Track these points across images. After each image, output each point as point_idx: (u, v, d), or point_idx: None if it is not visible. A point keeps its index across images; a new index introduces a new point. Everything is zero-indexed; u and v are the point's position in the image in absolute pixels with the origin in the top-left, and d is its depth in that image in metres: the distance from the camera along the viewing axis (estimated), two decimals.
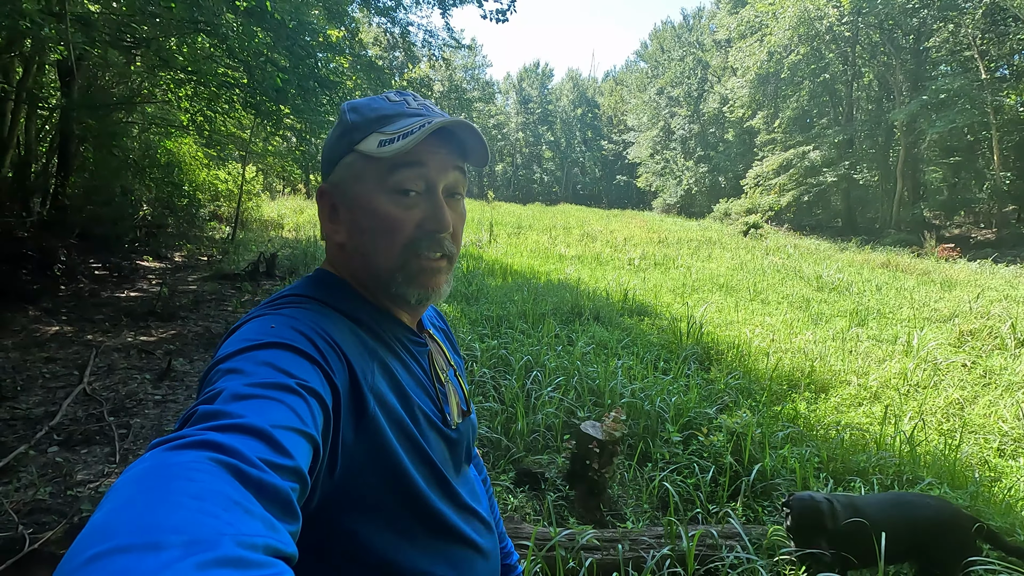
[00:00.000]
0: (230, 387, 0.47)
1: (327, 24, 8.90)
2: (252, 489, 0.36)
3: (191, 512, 0.31)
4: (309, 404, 0.49)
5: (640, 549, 2.25)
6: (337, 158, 0.70)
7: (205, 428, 0.41)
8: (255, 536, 0.32)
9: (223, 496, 0.33)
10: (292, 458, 0.42)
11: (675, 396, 3.63)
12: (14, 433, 3.27)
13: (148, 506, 0.31)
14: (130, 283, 7.50)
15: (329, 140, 0.73)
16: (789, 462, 2.90)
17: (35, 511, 2.49)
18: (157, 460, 0.36)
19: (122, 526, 0.29)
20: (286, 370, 0.50)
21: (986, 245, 17.02)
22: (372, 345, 0.66)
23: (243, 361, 0.51)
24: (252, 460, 0.38)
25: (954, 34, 20.00)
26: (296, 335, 0.56)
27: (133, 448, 3.24)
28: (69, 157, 8.22)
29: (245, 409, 0.44)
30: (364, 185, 0.68)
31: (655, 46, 44.29)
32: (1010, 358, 4.99)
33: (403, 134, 0.65)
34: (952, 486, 2.70)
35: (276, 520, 0.36)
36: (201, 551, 0.28)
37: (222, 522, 0.31)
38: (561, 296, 6.70)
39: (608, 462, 2.81)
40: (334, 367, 0.56)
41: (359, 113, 0.70)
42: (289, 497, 0.38)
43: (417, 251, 0.68)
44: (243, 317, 0.63)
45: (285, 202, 18.83)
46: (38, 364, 4.41)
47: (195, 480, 0.34)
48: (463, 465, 0.79)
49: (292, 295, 0.67)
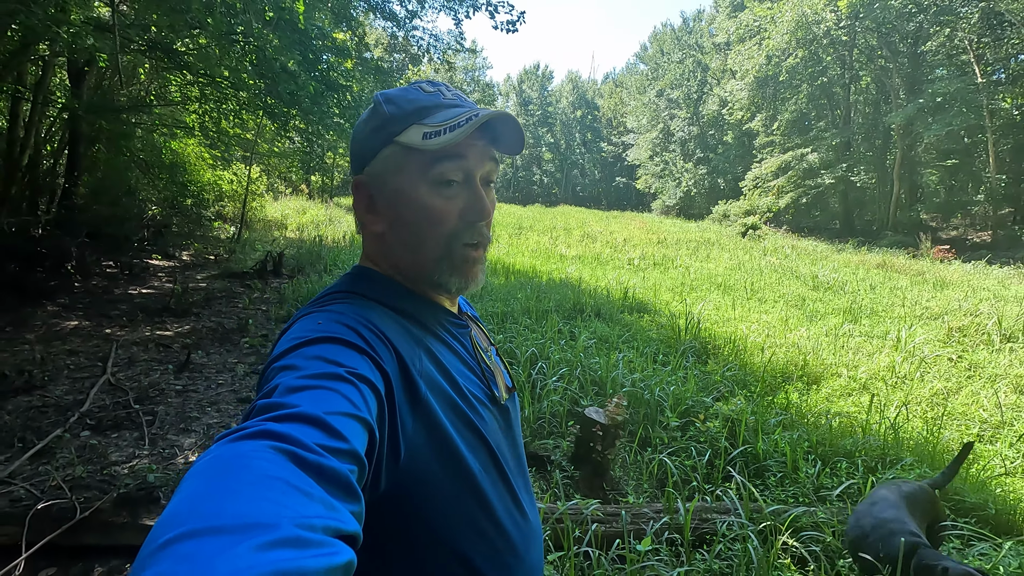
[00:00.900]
0: (284, 382, 0.49)
1: (333, 27, 9.10)
2: (311, 473, 0.38)
3: (252, 498, 0.33)
4: (360, 390, 0.51)
5: (641, 521, 2.43)
6: (375, 150, 0.71)
7: (263, 420, 0.43)
8: (314, 517, 0.34)
9: (282, 481, 0.35)
10: (347, 441, 0.44)
11: (673, 386, 3.82)
12: (47, 419, 3.45)
13: (213, 495, 0.33)
14: (141, 281, 7.68)
15: (361, 132, 0.73)
16: (780, 445, 3.09)
17: (76, 487, 2.66)
18: (220, 452, 0.38)
19: (190, 514, 0.32)
20: (336, 361, 0.53)
21: (981, 247, 17.22)
22: (417, 333, 0.68)
23: (295, 358, 0.53)
24: (309, 445, 0.40)
25: (950, 38, 20.22)
26: (343, 328, 0.59)
27: (161, 433, 3.42)
28: (78, 158, 8.39)
29: (299, 400, 0.46)
30: (406, 177, 0.69)
31: (655, 48, 44.53)
32: (994, 352, 5.19)
33: (449, 127, 0.66)
34: (931, 467, 2.89)
35: (336, 501, 0.37)
36: (262, 533, 0.30)
37: (281, 506, 0.33)
38: (563, 294, 6.88)
39: (611, 445, 3.00)
40: (382, 355, 0.58)
41: (396, 105, 0.70)
42: (348, 478, 0.40)
43: (460, 241, 0.71)
44: (292, 318, 0.66)
45: (288, 203, 19.01)
46: (62, 356, 4.59)
47: (255, 468, 0.36)
48: (516, 446, 0.79)
49: (335, 292, 0.70)
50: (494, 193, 0.76)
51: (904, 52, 22.34)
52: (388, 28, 10.77)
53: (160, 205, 10.80)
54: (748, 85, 27.17)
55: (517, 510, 0.72)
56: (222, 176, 12.78)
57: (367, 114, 0.73)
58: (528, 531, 0.74)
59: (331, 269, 8.76)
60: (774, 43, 23.88)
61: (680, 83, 38.00)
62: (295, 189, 22.71)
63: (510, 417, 0.79)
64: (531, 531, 0.74)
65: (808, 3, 21.92)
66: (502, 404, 0.76)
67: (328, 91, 7.08)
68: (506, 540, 0.69)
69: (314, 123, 7.49)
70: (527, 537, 0.73)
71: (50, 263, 6.99)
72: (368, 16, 11.06)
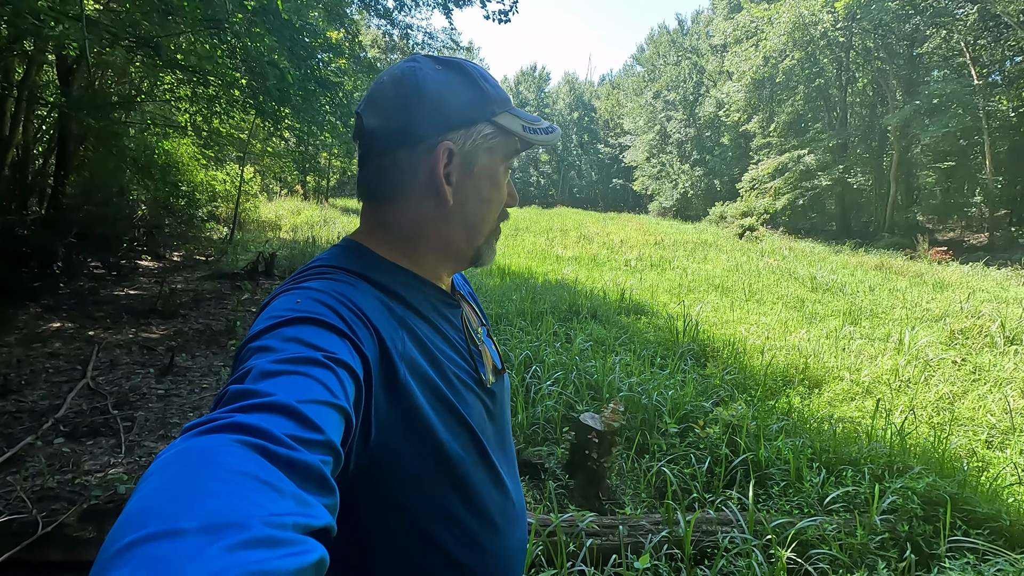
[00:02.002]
0: (258, 365, 0.47)
1: (326, 25, 8.98)
2: (282, 467, 0.36)
3: (220, 496, 0.31)
4: (339, 376, 0.49)
5: (638, 534, 2.31)
6: (472, 121, 0.70)
7: (232, 410, 0.41)
8: (284, 515, 0.32)
9: (251, 477, 0.33)
10: (322, 432, 0.42)
11: (672, 390, 3.70)
12: (20, 425, 3.31)
13: (177, 493, 0.31)
14: (129, 282, 7.53)
15: (458, 97, 0.69)
16: (783, 453, 2.97)
17: (44, 498, 2.53)
18: (186, 445, 0.36)
19: (153, 514, 0.30)
20: (313, 343, 0.50)
21: (978, 249, 17.19)
22: (400, 312, 0.66)
23: (271, 338, 0.51)
24: (280, 438, 0.38)
25: (947, 40, 20.23)
26: (322, 308, 0.56)
27: (138, 440, 3.28)
28: (68, 156, 8.25)
29: (273, 386, 0.44)
30: (495, 157, 0.72)
31: (651, 50, 44.54)
32: (999, 355, 5.09)
33: (543, 129, 0.75)
34: (940, 475, 2.78)
35: (308, 495, 0.36)
36: (231, 534, 0.29)
37: (250, 503, 0.31)
38: (559, 295, 6.77)
39: (607, 452, 2.88)
40: (362, 337, 0.56)
41: (492, 86, 0.72)
42: (321, 471, 0.38)
43: (498, 220, 0.78)
44: (271, 293, 0.62)
45: (283, 203, 18.84)
46: (41, 359, 4.44)
47: (223, 463, 0.34)
48: (503, 428, 0.79)
49: (318, 266, 0.67)
50: None
51: (901, 54, 22.35)
52: (382, 26, 10.65)
53: (151, 205, 10.64)
54: (745, 87, 27.15)
55: (499, 493, 0.72)
56: (215, 176, 12.62)
57: (455, 80, 0.69)
58: (512, 514, 0.74)
59: None
60: (771, 44, 23.85)
61: (677, 85, 38.00)
62: (290, 190, 22.54)
63: (497, 399, 0.77)
64: (514, 513, 0.75)
65: (805, 4, 21.89)
66: (488, 387, 0.75)
67: (321, 89, 6.95)
68: (485, 523, 0.68)
69: (306, 121, 7.35)
70: (511, 520, 0.73)
71: (36, 263, 6.85)
72: (362, 14, 10.95)
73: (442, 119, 0.68)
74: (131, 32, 5.15)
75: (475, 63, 0.74)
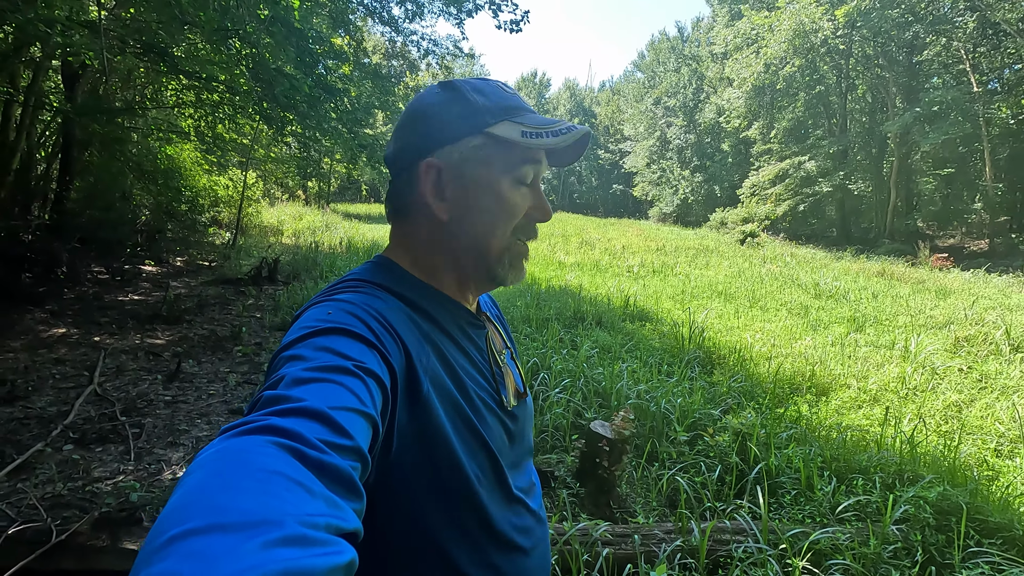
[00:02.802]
0: (291, 372, 0.48)
1: (331, 32, 9.02)
2: (313, 470, 0.37)
3: (256, 494, 0.32)
4: (367, 384, 0.50)
5: (651, 543, 2.31)
6: (459, 135, 0.70)
7: (267, 413, 0.42)
8: (317, 515, 0.33)
9: (285, 478, 0.35)
10: (352, 438, 0.43)
11: (680, 398, 3.70)
12: (29, 432, 3.30)
13: (217, 490, 0.33)
14: (132, 287, 7.53)
15: (444, 114, 0.71)
16: (794, 461, 2.97)
17: (55, 506, 2.52)
18: (224, 446, 0.37)
19: (194, 510, 0.31)
20: (344, 353, 0.52)
21: (979, 255, 17.21)
22: (427, 329, 0.67)
23: (303, 348, 0.53)
24: (312, 442, 0.39)
25: (946, 48, 20.32)
26: (352, 319, 0.58)
27: (147, 447, 3.28)
28: (72, 162, 8.26)
29: (305, 393, 0.45)
30: (492, 169, 0.70)
31: (652, 57, 44.72)
32: (1005, 363, 5.09)
33: (551, 131, 0.69)
34: (952, 484, 2.77)
35: (339, 498, 0.37)
36: (266, 531, 0.30)
37: (285, 502, 0.32)
38: (563, 302, 6.77)
39: (618, 460, 2.87)
40: (390, 349, 0.58)
41: (486, 97, 0.71)
42: (351, 476, 0.40)
43: (518, 236, 0.74)
44: (304, 305, 0.65)
45: (285, 208, 18.86)
46: (47, 365, 4.44)
47: (259, 463, 0.35)
48: (523, 452, 0.79)
49: (350, 280, 0.69)
50: None
51: (900, 61, 22.45)
52: (386, 33, 10.70)
53: (154, 210, 10.65)
54: (745, 93, 27.25)
55: (516, 516, 0.72)
56: (218, 181, 12.65)
57: (445, 98, 0.72)
58: (529, 536, 0.73)
59: (327, 276, 8.62)
60: (771, 52, 23.95)
61: (677, 91, 38.13)
62: (292, 195, 22.58)
63: (519, 422, 0.77)
64: (533, 536, 0.74)
65: (806, 12, 22.00)
66: (509, 410, 0.75)
67: (326, 96, 6.98)
68: (500, 544, 0.68)
69: (311, 128, 7.37)
70: (528, 542, 0.73)
71: (40, 269, 6.85)
72: (366, 21, 11.00)
73: (430, 138, 0.71)
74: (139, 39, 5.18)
75: (481, 78, 0.75)
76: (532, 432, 0.85)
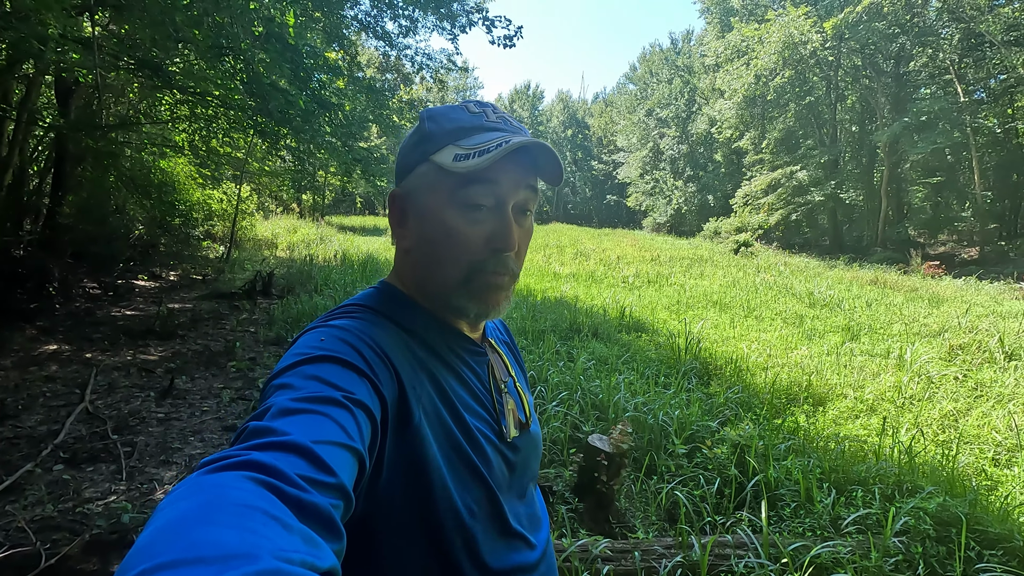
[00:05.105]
0: (278, 402, 0.47)
1: (324, 46, 9.06)
2: (292, 507, 0.37)
3: (231, 528, 0.32)
4: (356, 417, 0.49)
5: (652, 559, 2.28)
6: (412, 165, 0.71)
7: (248, 447, 0.41)
8: (292, 552, 0.32)
9: (262, 512, 0.34)
10: (335, 475, 0.42)
11: (677, 410, 3.69)
12: (18, 452, 3.25)
13: (189, 525, 0.32)
14: (125, 302, 7.47)
15: (405, 145, 0.73)
16: (793, 473, 2.95)
17: (44, 528, 2.47)
18: (199, 480, 0.37)
19: (164, 545, 0.30)
20: (333, 383, 0.51)
21: (970, 263, 17.36)
22: (423, 356, 0.66)
23: (293, 376, 0.52)
24: (292, 479, 0.38)
25: (932, 58, 20.66)
26: (344, 347, 0.57)
27: (139, 466, 3.23)
28: (64, 177, 8.23)
29: (290, 425, 0.44)
30: (436, 196, 0.68)
31: (644, 69, 45.18)
32: (999, 371, 5.11)
33: (480, 151, 0.65)
34: (951, 495, 2.77)
35: (316, 536, 0.36)
36: (240, 564, 0.29)
37: (261, 537, 0.32)
38: (559, 313, 6.76)
39: (616, 474, 2.85)
40: (382, 378, 0.57)
41: (436, 123, 0.70)
42: (330, 515, 0.39)
43: (482, 269, 0.68)
44: (301, 330, 0.64)
45: (279, 222, 18.83)
46: (38, 383, 4.38)
47: (235, 499, 0.34)
48: (525, 483, 0.76)
49: (349, 305, 0.69)
50: (531, 222, 0.74)
51: (888, 72, 22.77)
52: (380, 47, 10.77)
53: (147, 224, 10.61)
54: (736, 104, 27.53)
55: (512, 551, 0.69)
56: (211, 195, 12.62)
57: (413, 128, 0.74)
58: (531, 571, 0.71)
59: (322, 289, 8.59)
60: (762, 63, 24.25)
61: (669, 102, 38.49)
62: (286, 208, 22.55)
63: (520, 453, 0.74)
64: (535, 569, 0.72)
65: (794, 25, 22.32)
66: (510, 440, 0.72)
67: (320, 109, 7.00)
68: None
69: (305, 141, 7.38)
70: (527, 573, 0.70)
71: (32, 284, 6.79)
72: (360, 36, 11.07)
73: (399, 168, 0.74)
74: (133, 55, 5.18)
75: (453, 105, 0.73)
76: (538, 461, 0.82)
